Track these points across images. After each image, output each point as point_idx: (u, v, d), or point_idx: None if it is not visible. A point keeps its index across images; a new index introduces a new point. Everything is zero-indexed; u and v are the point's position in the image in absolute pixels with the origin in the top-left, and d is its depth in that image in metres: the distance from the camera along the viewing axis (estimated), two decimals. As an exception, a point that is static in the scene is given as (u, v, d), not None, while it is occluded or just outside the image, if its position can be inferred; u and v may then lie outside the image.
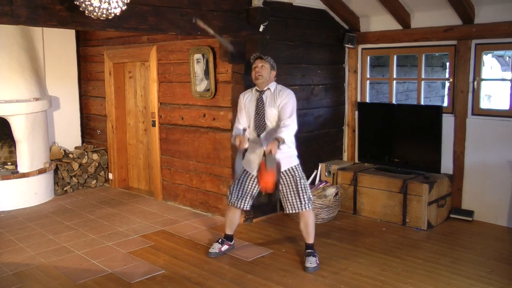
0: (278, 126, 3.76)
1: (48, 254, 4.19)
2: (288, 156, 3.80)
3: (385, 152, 5.39)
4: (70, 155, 6.37)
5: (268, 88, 3.87)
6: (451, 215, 5.03)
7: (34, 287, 3.57)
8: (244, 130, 3.82)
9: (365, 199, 5.13)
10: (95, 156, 6.52)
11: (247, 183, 3.96)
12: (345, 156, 6.00)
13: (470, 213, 4.97)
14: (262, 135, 3.84)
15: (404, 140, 5.29)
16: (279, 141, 3.56)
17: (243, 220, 4.90)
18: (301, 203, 3.81)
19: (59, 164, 6.20)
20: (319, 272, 3.72)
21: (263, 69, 3.81)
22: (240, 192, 3.98)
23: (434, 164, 4.92)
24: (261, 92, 3.88)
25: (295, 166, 3.85)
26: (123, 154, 6.58)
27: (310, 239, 3.91)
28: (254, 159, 3.88)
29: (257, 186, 3.93)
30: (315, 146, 5.61)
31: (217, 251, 4.12)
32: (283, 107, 3.76)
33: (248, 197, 3.99)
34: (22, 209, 5.57)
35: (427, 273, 3.71)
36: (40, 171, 5.78)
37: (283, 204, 3.92)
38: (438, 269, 3.78)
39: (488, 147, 4.85)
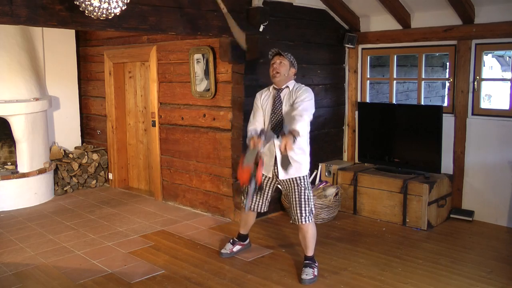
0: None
1: (48, 254, 4.19)
2: (299, 164, 3.59)
3: (385, 152, 5.39)
4: (70, 155, 6.37)
5: (287, 86, 3.63)
6: (451, 215, 5.03)
7: (34, 287, 3.57)
8: (262, 131, 3.55)
9: (365, 199, 5.13)
10: (95, 156, 6.52)
11: (263, 186, 3.77)
12: (345, 156, 6.00)
13: (470, 213, 4.97)
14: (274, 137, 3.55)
15: (404, 140, 5.29)
16: (294, 135, 3.25)
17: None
18: (301, 215, 3.60)
19: (59, 164, 6.20)
20: (319, 272, 3.71)
21: (282, 66, 3.57)
22: (257, 196, 3.81)
23: (434, 164, 4.92)
24: (279, 90, 3.64)
25: (303, 176, 3.63)
26: (123, 154, 6.58)
27: (309, 252, 3.72)
28: (268, 161, 3.65)
29: (272, 188, 3.80)
30: (315, 146, 5.57)
31: (229, 252, 4.05)
32: (297, 101, 3.49)
33: (265, 200, 3.84)
34: (22, 209, 5.57)
35: (427, 273, 3.71)
36: (40, 171, 5.78)
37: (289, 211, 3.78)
38: (438, 269, 3.78)
39: (488, 147, 4.85)
